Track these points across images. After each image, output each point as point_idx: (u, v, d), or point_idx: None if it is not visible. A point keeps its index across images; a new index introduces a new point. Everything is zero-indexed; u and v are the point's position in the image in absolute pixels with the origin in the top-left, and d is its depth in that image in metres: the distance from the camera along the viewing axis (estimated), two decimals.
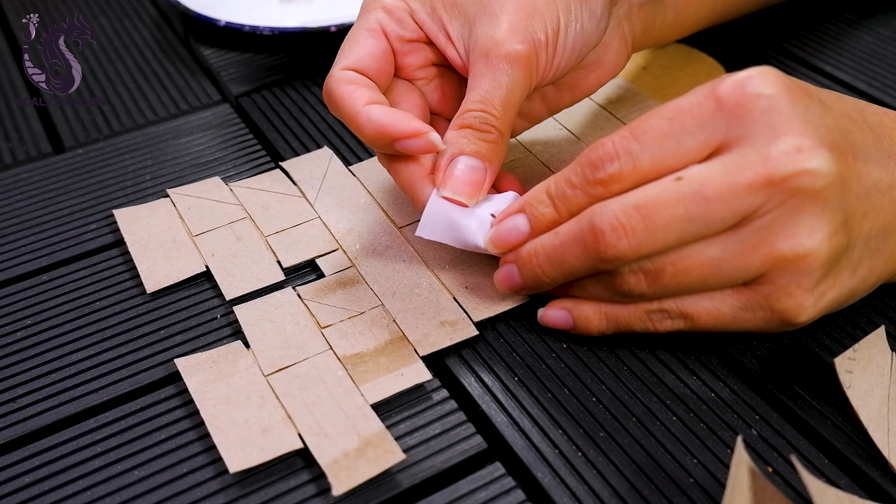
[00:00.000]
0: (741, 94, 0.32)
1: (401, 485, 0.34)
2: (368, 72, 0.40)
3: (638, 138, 0.33)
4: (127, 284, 0.43)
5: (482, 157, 0.38)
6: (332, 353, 0.38)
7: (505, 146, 0.39)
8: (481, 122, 0.38)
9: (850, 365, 0.33)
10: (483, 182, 0.38)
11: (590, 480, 0.33)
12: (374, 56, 0.40)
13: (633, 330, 0.37)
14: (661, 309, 0.35)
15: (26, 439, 0.36)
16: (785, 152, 0.31)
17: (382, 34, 0.41)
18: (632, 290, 0.35)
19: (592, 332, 0.37)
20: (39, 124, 0.55)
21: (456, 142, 0.38)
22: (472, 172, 0.38)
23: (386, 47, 0.40)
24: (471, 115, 0.38)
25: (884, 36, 0.57)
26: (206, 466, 0.34)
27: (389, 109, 0.38)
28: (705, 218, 0.32)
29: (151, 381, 0.38)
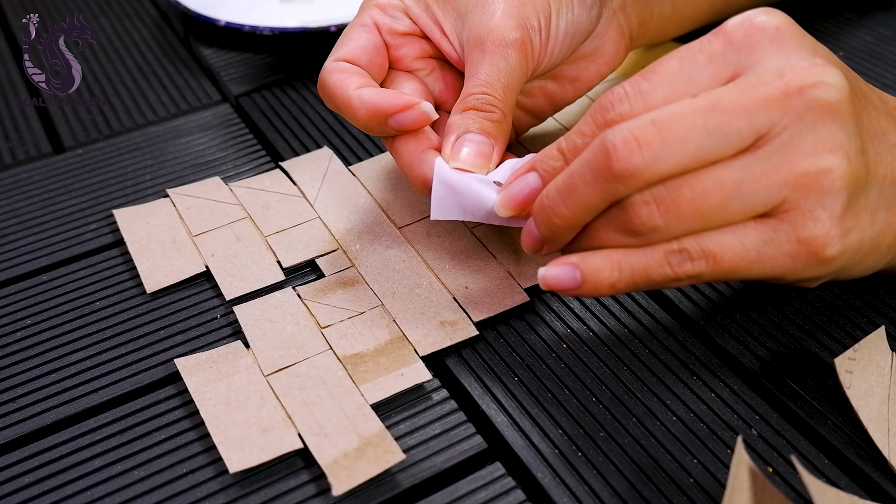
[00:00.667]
0: (749, 26, 0.32)
1: (401, 485, 0.34)
2: (359, 62, 0.40)
3: (648, 78, 0.32)
4: (127, 284, 0.43)
5: (488, 134, 0.38)
6: (332, 353, 0.38)
7: (508, 128, 0.39)
8: (484, 104, 0.38)
9: (851, 365, 0.33)
10: (491, 155, 0.38)
11: (590, 480, 0.33)
12: (364, 48, 0.41)
13: (651, 280, 0.33)
14: (682, 249, 0.32)
15: (26, 439, 0.36)
16: (799, 66, 0.31)
17: (374, 28, 0.41)
18: (644, 222, 0.32)
19: (603, 288, 0.33)
20: (39, 124, 0.55)
21: (461, 122, 0.38)
22: (480, 146, 0.38)
23: (377, 41, 0.41)
24: (473, 98, 0.38)
25: (884, 36, 0.57)
26: (206, 466, 0.34)
27: (380, 90, 0.39)
28: (723, 130, 0.31)
29: (151, 381, 0.38)
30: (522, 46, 0.38)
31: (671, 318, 0.39)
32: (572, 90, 0.45)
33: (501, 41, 0.38)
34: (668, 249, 0.32)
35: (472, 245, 0.43)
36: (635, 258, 0.33)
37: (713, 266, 0.32)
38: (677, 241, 0.32)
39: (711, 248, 0.32)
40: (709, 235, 0.32)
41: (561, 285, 0.33)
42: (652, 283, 0.33)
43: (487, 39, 0.38)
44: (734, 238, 0.32)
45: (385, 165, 0.48)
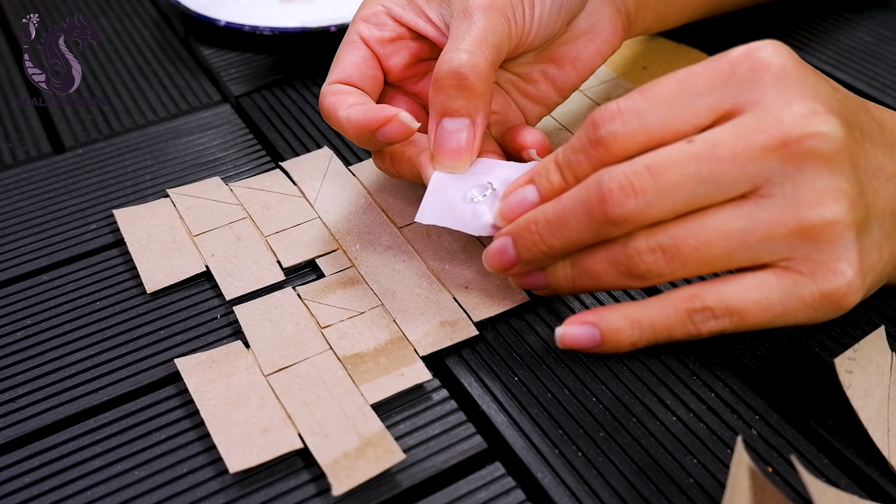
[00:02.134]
0: (754, 60, 0.32)
1: (401, 485, 0.34)
2: (352, 80, 0.42)
3: (646, 97, 0.32)
4: (127, 284, 0.43)
5: (464, 112, 0.38)
6: (332, 352, 0.38)
7: (488, 93, 0.39)
8: (454, 68, 0.37)
9: (850, 365, 0.33)
10: (472, 142, 0.38)
11: (590, 480, 0.33)
12: (355, 65, 0.42)
13: (673, 337, 0.34)
14: (705, 307, 0.32)
15: (26, 439, 0.36)
16: (799, 114, 0.31)
17: (362, 43, 0.42)
18: (650, 269, 0.32)
19: (623, 345, 0.34)
20: (39, 124, 0.55)
21: (437, 100, 0.38)
22: (458, 136, 0.38)
23: (366, 54, 0.42)
24: (443, 63, 0.38)
25: (884, 36, 0.57)
26: (207, 466, 0.34)
27: (366, 107, 0.39)
28: (717, 179, 0.31)
29: (151, 381, 0.38)
30: (503, 8, 0.39)
31: None
32: (574, 72, 0.45)
33: (482, 4, 0.38)
34: (691, 308, 0.33)
35: (472, 245, 0.43)
36: (656, 315, 0.33)
37: (738, 322, 0.33)
38: (699, 299, 0.33)
39: (735, 304, 0.32)
40: (729, 289, 0.32)
41: (580, 345, 0.35)
42: (674, 339, 0.34)
43: (469, 5, 0.39)
44: (758, 294, 0.32)
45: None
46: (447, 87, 0.38)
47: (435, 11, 0.42)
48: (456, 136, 0.38)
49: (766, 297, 0.32)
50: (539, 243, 0.34)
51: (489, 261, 0.37)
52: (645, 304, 0.33)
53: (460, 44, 0.38)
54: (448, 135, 0.38)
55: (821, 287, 0.32)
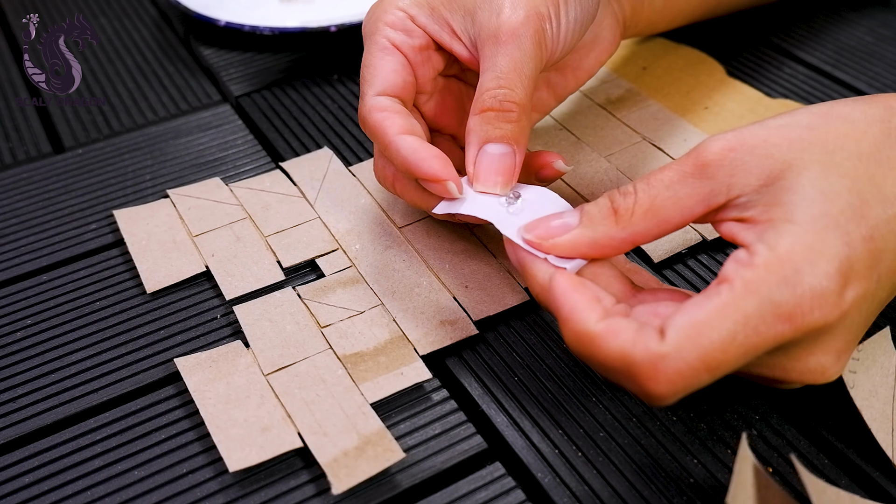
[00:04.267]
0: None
1: (401, 485, 0.34)
2: (395, 90, 0.40)
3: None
4: (127, 284, 0.43)
5: (508, 140, 0.38)
6: (332, 352, 0.38)
7: (528, 123, 0.39)
8: (501, 101, 0.37)
9: (854, 365, 0.33)
10: (514, 167, 0.38)
11: (590, 480, 0.33)
12: (396, 72, 0.40)
13: None
14: None
15: (26, 439, 0.36)
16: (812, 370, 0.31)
17: (395, 49, 0.41)
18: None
19: None
20: (39, 124, 0.55)
21: (480, 129, 0.38)
22: (502, 160, 0.38)
23: (403, 60, 0.41)
24: (489, 95, 0.38)
25: (884, 36, 0.57)
26: (206, 466, 0.34)
27: (416, 144, 0.38)
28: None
29: (151, 380, 0.38)
30: (535, 34, 0.38)
31: None
32: (574, 79, 0.45)
33: (515, 31, 0.38)
34: None
35: (472, 245, 0.43)
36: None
37: None
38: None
39: None
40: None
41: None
42: None
43: (501, 31, 0.38)
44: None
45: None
46: (492, 118, 0.38)
47: (458, 23, 0.40)
48: (499, 160, 0.38)
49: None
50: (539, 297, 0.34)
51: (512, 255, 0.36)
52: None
53: (500, 77, 0.37)
54: (492, 158, 0.38)
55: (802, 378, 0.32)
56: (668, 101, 0.52)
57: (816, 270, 0.29)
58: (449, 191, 0.37)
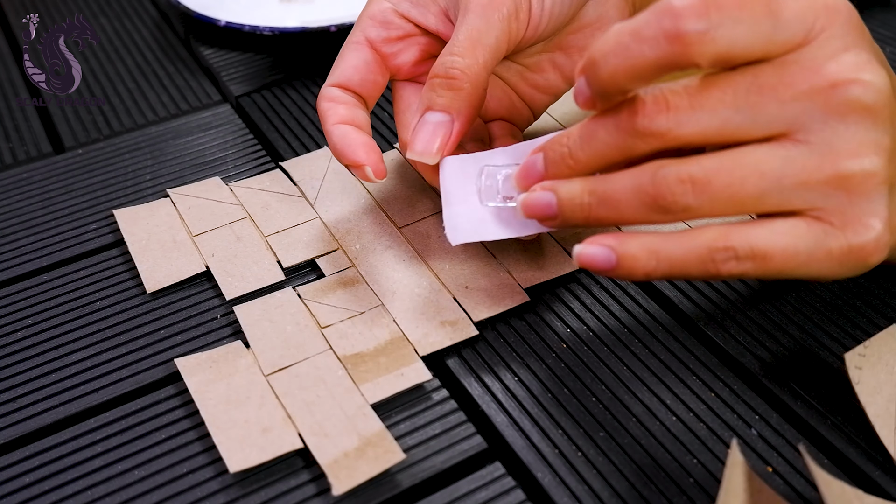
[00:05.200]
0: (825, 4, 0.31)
1: (401, 485, 0.34)
2: (351, 84, 0.42)
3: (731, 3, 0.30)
4: (127, 284, 0.43)
5: (448, 109, 0.38)
6: (332, 352, 0.38)
7: (477, 95, 0.39)
8: (447, 69, 0.38)
9: (860, 361, 0.33)
10: (448, 137, 0.38)
11: (590, 480, 0.33)
12: (356, 68, 0.42)
13: (689, 274, 0.32)
14: (728, 247, 0.31)
15: (26, 439, 0.36)
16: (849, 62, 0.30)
17: (366, 45, 0.42)
18: (677, 201, 0.31)
19: (637, 274, 0.32)
20: (39, 124, 0.55)
21: (425, 96, 0.39)
22: (436, 129, 0.38)
23: (369, 57, 0.42)
24: (439, 62, 0.38)
25: (883, 36, 0.57)
26: (206, 466, 0.34)
27: (346, 132, 0.40)
28: (754, 111, 0.30)
29: (151, 381, 0.38)
30: (506, 6, 0.38)
31: (671, 318, 0.39)
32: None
33: (484, 2, 0.38)
34: (713, 245, 0.31)
35: (472, 245, 0.43)
36: (675, 249, 0.31)
37: (760, 266, 0.31)
38: (724, 237, 0.31)
39: (761, 247, 0.31)
40: (756, 231, 0.31)
41: (595, 266, 0.33)
42: (690, 277, 0.32)
43: (472, 2, 0.38)
44: (786, 240, 0.31)
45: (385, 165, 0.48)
46: (436, 85, 0.38)
47: (443, 2, 0.41)
48: (434, 129, 0.38)
49: (793, 244, 0.31)
50: (567, 157, 0.33)
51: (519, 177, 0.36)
52: (666, 237, 0.32)
53: (455, 45, 0.38)
54: (427, 126, 0.39)
55: (850, 240, 0.31)
56: None
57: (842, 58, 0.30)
58: (367, 175, 0.40)
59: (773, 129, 0.31)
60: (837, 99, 0.30)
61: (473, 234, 0.37)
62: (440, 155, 0.39)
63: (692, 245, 0.31)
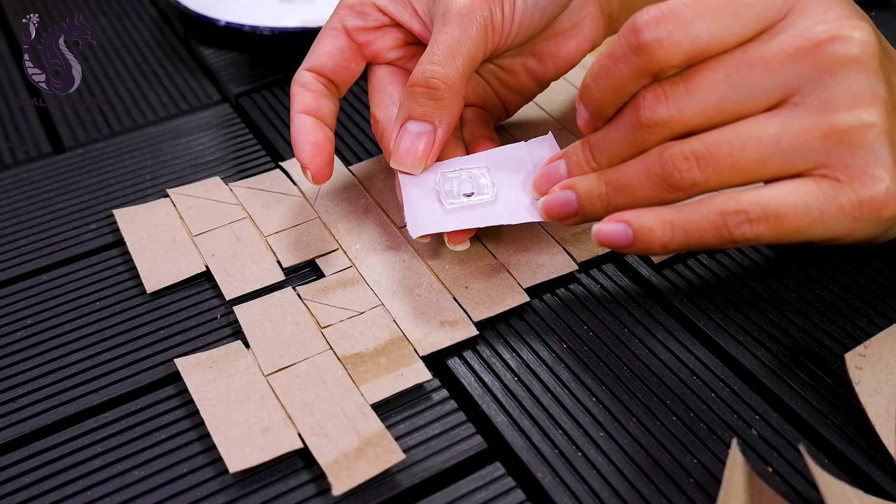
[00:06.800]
0: None
1: (401, 485, 0.34)
2: (325, 70, 0.43)
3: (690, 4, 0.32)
4: (127, 284, 0.43)
5: (429, 118, 0.39)
6: (332, 352, 0.38)
7: (456, 103, 0.39)
8: (428, 78, 0.38)
9: (861, 361, 0.33)
10: (431, 146, 0.39)
11: (590, 480, 0.33)
12: (330, 54, 0.43)
13: (705, 242, 0.33)
14: (739, 210, 0.32)
15: (26, 439, 0.36)
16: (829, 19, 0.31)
17: (342, 32, 0.43)
18: (684, 177, 0.32)
19: (655, 247, 0.34)
20: (39, 124, 0.55)
21: (405, 105, 0.39)
22: (418, 139, 0.39)
23: (343, 44, 0.43)
24: (419, 71, 0.39)
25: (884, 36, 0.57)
26: (206, 466, 0.34)
27: (305, 126, 0.42)
28: (748, 84, 0.32)
29: (151, 381, 0.38)
30: (483, 18, 0.39)
31: (671, 318, 0.39)
32: (553, 67, 0.45)
33: (461, 12, 0.39)
34: (725, 209, 0.32)
35: (473, 245, 0.43)
36: (689, 218, 0.33)
37: (774, 227, 0.32)
38: (735, 201, 0.32)
39: (772, 206, 0.32)
40: (766, 192, 0.32)
41: (613, 242, 0.34)
42: (707, 245, 0.33)
43: (449, 10, 0.39)
44: (796, 197, 0.32)
45: (385, 166, 0.48)
46: (417, 94, 0.39)
47: (421, 5, 0.42)
48: (417, 139, 0.39)
49: (804, 201, 0.31)
50: (590, 160, 0.36)
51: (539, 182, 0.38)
52: (679, 207, 0.33)
53: (434, 54, 0.39)
54: (409, 136, 0.39)
55: (860, 194, 0.31)
56: None
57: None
58: (307, 177, 0.41)
59: (770, 99, 0.32)
60: (825, 56, 0.31)
61: (434, 226, 0.39)
62: (423, 165, 0.39)
63: (705, 212, 0.32)
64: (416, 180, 0.40)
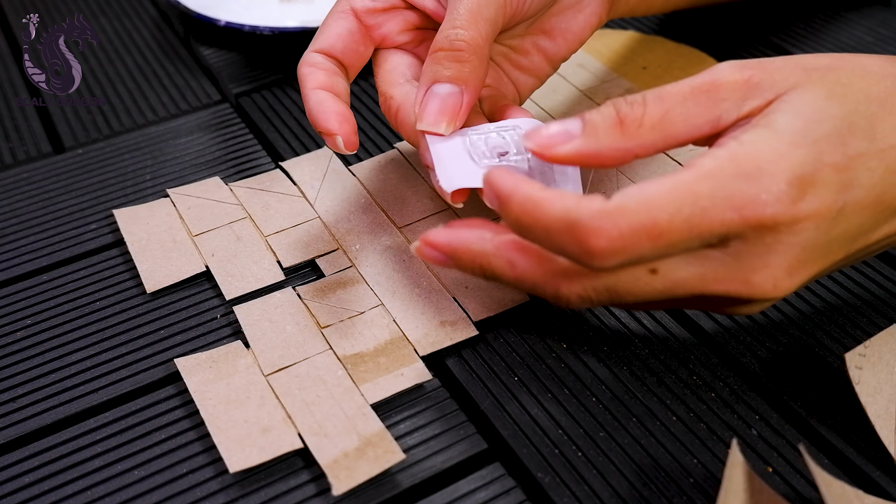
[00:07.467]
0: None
1: (401, 485, 0.34)
2: (334, 51, 0.42)
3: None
4: (127, 284, 0.43)
5: (456, 80, 0.38)
6: (332, 352, 0.38)
7: (481, 65, 0.39)
8: (452, 41, 0.38)
9: (861, 361, 0.34)
10: (459, 107, 0.38)
11: (589, 480, 0.33)
12: (339, 36, 0.42)
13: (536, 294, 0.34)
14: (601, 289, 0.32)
15: (26, 439, 0.36)
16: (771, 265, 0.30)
17: (351, 14, 0.43)
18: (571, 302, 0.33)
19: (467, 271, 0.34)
20: (39, 124, 0.55)
21: (430, 69, 0.39)
22: (446, 100, 0.38)
23: (352, 26, 0.42)
24: (443, 36, 0.38)
25: (884, 35, 0.57)
26: (206, 466, 0.34)
27: (323, 98, 0.40)
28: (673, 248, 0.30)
29: (151, 380, 0.38)
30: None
31: (671, 317, 0.39)
32: (564, 43, 0.45)
33: None
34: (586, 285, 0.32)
35: None
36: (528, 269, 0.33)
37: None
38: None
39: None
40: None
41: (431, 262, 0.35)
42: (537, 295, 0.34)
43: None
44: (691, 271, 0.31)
45: (385, 166, 0.48)
46: (442, 58, 0.38)
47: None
48: (444, 99, 0.38)
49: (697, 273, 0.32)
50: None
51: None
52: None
53: (457, 18, 0.38)
54: (437, 98, 0.38)
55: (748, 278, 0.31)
56: None
57: (777, 172, 0.29)
58: (337, 145, 0.40)
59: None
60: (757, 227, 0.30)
61: (467, 181, 0.37)
62: (453, 126, 0.38)
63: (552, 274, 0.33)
64: (445, 139, 0.39)
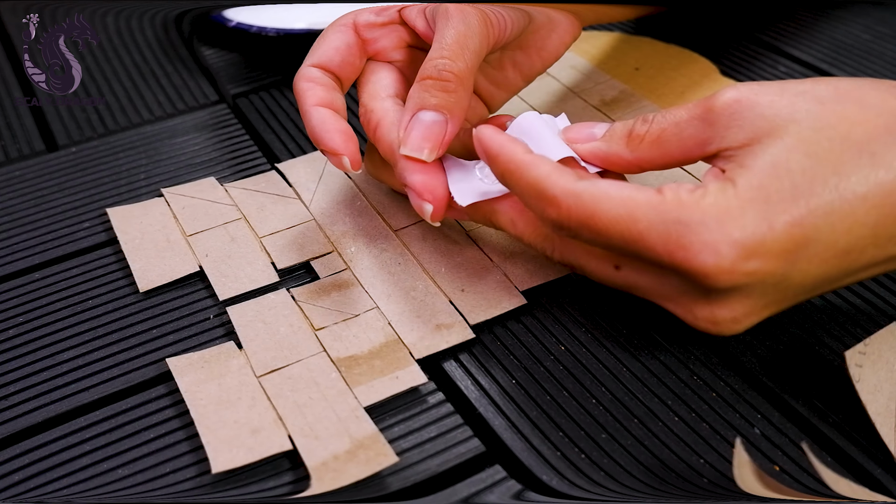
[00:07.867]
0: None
1: (390, 486, 0.33)
2: (331, 65, 0.42)
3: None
4: (120, 283, 0.42)
5: (441, 109, 0.39)
6: (326, 355, 0.37)
7: (466, 95, 0.40)
8: (440, 71, 0.39)
9: (861, 359, 0.33)
10: (443, 136, 0.39)
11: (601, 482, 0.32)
12: (337, 49, 0.42)
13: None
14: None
15: (17, 437, 0.35)
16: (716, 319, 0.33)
17: (351, 28, 0.43)
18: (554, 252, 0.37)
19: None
20: (32, 122, 0.55)
21: (417, 96, 0.39)
22: (431, 127, 0.38)
23: (351, 40, 0.43)
24: (431, 65, 0.39)
25: (881, 33, 0.57)
26: (190, 466, 0.34)
27: (326, 116, 0.40)
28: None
29: (143, 380, 0.38)
30: (483, 13, 0.40)
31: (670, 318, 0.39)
32: (539, 60, 0.46)
33: (464, 8, 0.40)
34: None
35: (468, 248, 0.42)
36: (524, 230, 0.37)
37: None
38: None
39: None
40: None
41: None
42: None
43: (451, 6, 0.40)
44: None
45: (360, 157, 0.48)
46: (429, 86, 0.39)
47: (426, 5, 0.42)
48: (429, 126, 0.39)
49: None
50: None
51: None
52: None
53: (444, 49, 0.39)
54: (422, 125, 0.39)
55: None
56: (663, 102, 0.51)
57: (718, 229, 0.30)
58: (344, 165, 0.40)
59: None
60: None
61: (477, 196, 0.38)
62: (435, 153, 0.38)
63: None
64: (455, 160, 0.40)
